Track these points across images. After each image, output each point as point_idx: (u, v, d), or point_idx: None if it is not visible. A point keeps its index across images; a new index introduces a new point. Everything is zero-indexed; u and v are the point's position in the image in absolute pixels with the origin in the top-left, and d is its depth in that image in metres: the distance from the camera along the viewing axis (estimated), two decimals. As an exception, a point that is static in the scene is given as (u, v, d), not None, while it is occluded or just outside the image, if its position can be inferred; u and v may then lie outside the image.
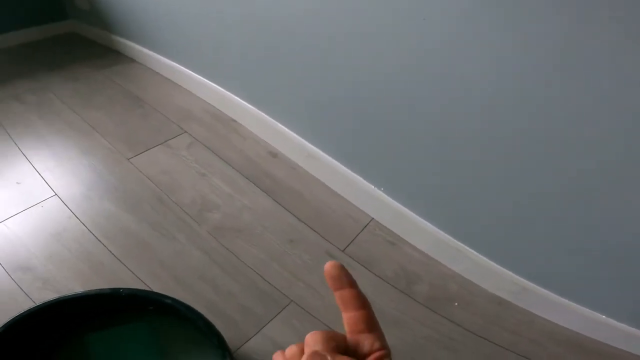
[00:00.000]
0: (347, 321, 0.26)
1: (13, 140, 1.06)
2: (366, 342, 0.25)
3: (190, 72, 1.30)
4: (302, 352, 0.24)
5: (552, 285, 0.82)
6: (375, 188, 0.97)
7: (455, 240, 0.90)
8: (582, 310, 0.80)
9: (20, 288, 0.76)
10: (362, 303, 0.26)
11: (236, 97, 1.19)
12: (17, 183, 0.95)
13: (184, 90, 1.35)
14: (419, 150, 0.83)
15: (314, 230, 0.96)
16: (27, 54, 1.48)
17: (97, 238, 0.86)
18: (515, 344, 0.81)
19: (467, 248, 0.89)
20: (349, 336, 0.25)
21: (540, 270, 0.82)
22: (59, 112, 1.18)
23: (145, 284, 0.79)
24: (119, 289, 0.53)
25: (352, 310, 0.26)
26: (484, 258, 0.87)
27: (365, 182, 0.99)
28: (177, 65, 1.33)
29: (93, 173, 0.98)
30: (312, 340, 0.23)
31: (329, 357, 0.22)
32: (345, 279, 0.26)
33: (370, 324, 0.26)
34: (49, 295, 0.76)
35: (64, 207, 0.90)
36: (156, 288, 0.79)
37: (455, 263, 0.93)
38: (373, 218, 1.02)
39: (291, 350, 0.24)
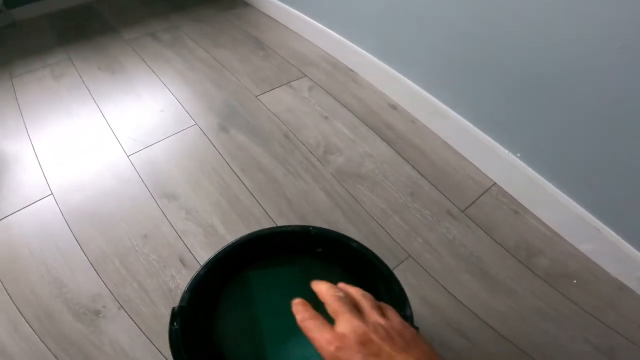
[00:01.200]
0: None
1: (155, 73, 1.16)
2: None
3: (306, 17, 1.28)
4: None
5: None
6: (510, 153, 0.89)
7: (594, 218, 0.81)
8: None
9: (165, 216, 0.84)
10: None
11: (354, 46, 1.15)
12: (161, 111, 1.05)
13: (299, 36, 1.35)
14: (574, 114, 0.73)
15: (434, 186, 0.93)
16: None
17: (232, 169, 0.92)
18: (625, 328, 0.75)
19: (607, 228, 0.79)
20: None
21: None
22: (191, 50, 1.25)
23: (274, 221, 0.84)
24: (309, 227, 0.52)
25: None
26: (624, 242, 0.77)
27: (497, 145, 0.91)
28: (293, 9, 1.32)
29: (226, 106, 1.05)
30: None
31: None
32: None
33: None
34: (192, 227, 0.83)
35: (203, 136, 0.98)
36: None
37: (584, 242, 0.85)
38: (495, 183, 0.96)
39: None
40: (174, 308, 0.45)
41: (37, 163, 0.92)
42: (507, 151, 0.90)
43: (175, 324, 0.44)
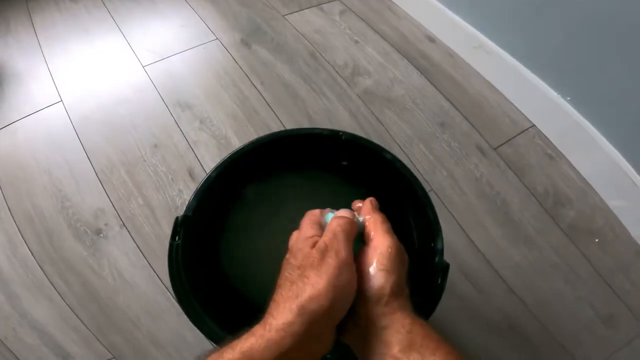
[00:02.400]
0: None
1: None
2: None
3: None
4: None
5: None
6: (559, 95, 0.81)
7: (634, 171, 0.74)
8: None
9: (178, 125, 0.80)
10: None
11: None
12: (181, 26, 0.99)
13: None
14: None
15: (467, 119, 0.86)
16: None
17: (252, 83, 0.87)
18: (629, 296, 0.72)
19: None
20: None
21: None
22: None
23: None
24: (339, 131, 0.45)
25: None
26: None
27: (545, 86, 0.83)
28: None
29: (251, 23, 0.98)
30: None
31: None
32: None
33: None
34: (205, 138, 0.79)
35: (224, 50, 0.92)
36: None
37: (616, 197, 0.79)
38: (534, 124, 0.88)
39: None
40: (177, 218, 0.38)
41: (48, 72, 0.89)
42: (555, 93, 0.81)
43: (177, 238, 0.38)
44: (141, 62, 0.90)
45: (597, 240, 0.76)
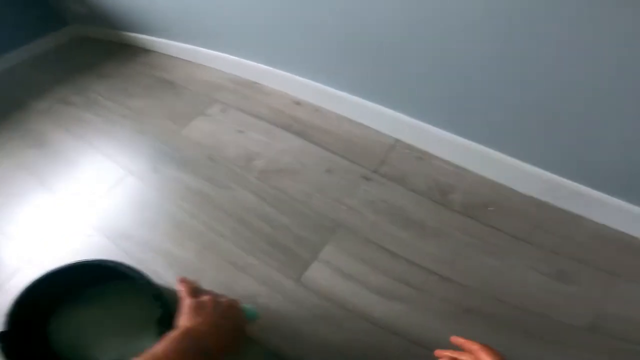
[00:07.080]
0: None
1: (79, 136, 1.24)
2: None
3: (204, 49, 1.40)
4: None
5: (593, 182, 0.80)
6: (395, 111, 1.06)
7: (478, 145, 0.96)
8: (631, 209, 0.78)
9: (126, 253, 0.91)
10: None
11: (249, 62, 1.30)
12: (95, 169, 1.13)
13: (202, 66, 1.46)
14: (429, 67, 0.89)
15: (346, 158, 1.08)
16: (50, 63, 1.62)
17: (171, 200, 1.03)
18: (561, 247, 0.81)
19: (491, 150, 0.95)
20: None
21: (577, 166, 0.82)
22: (107, 107, 1.33)
23: (219, 230, 0.94)
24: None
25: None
26: (512, 158, 0.91)
27: (384, 108, 1.07)
28: (188, 45, 1.44)
29: (152, 148, 1.16)
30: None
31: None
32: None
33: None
34: (150, 256, 0.89)
35: (139, 182, 1.08)
36: (228, 232, 0.93)
37: (484, 168, 0.99)
38: (398, 139, 1.11)
39: None
40: None
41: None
42: (392, 110, 1.06)
43: None
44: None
45: (491, 208, 0.88)
